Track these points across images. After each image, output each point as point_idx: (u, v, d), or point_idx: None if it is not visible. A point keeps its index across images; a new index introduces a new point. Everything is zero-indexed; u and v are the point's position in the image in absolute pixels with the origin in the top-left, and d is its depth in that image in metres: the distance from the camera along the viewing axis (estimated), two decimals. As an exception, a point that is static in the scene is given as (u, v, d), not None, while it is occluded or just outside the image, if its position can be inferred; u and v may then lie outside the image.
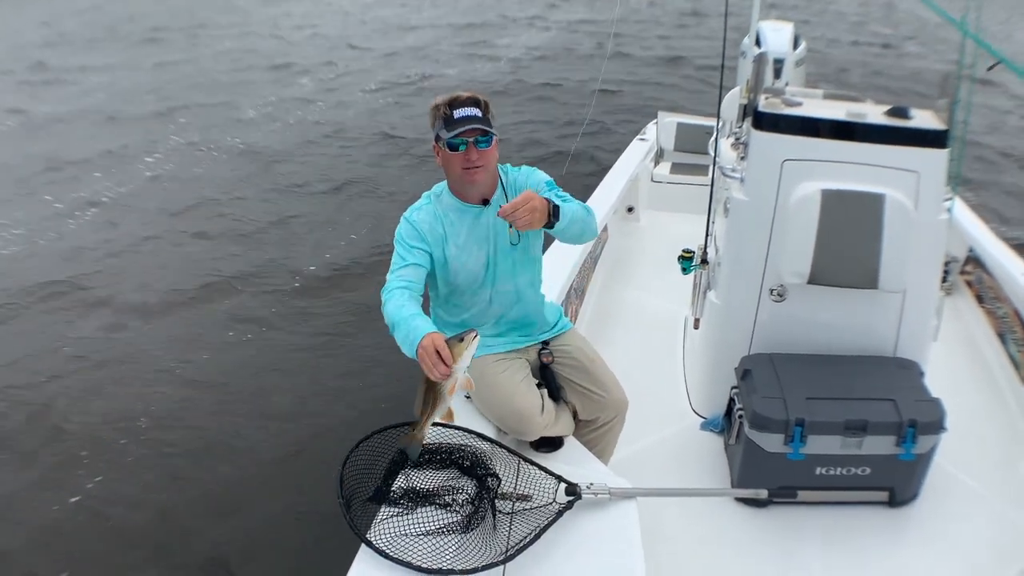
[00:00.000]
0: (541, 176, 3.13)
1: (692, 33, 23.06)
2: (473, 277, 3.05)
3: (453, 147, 2.87)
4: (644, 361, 4.80)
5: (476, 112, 2.86)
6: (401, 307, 2.69)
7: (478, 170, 2.91)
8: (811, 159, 3.62)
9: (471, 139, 2.86)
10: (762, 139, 3.70)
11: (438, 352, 2.48)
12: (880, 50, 21.58)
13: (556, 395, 3.24)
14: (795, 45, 6.80)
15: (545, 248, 3.32)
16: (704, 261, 4.32)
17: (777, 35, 6.72)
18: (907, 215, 3.51)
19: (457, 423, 2.94)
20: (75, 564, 4.57)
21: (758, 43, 6.55)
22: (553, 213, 2.75)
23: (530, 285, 3.20)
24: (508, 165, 3.16)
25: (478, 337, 2.60)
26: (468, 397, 3.26)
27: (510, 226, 2.83)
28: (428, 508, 2.62)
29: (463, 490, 2.70)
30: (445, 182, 3.08)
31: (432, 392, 2.61)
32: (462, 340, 2.56)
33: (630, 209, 7.19)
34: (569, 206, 2.86)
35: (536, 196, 2.71)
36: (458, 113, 2.86)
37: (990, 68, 3.58)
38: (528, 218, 2.67)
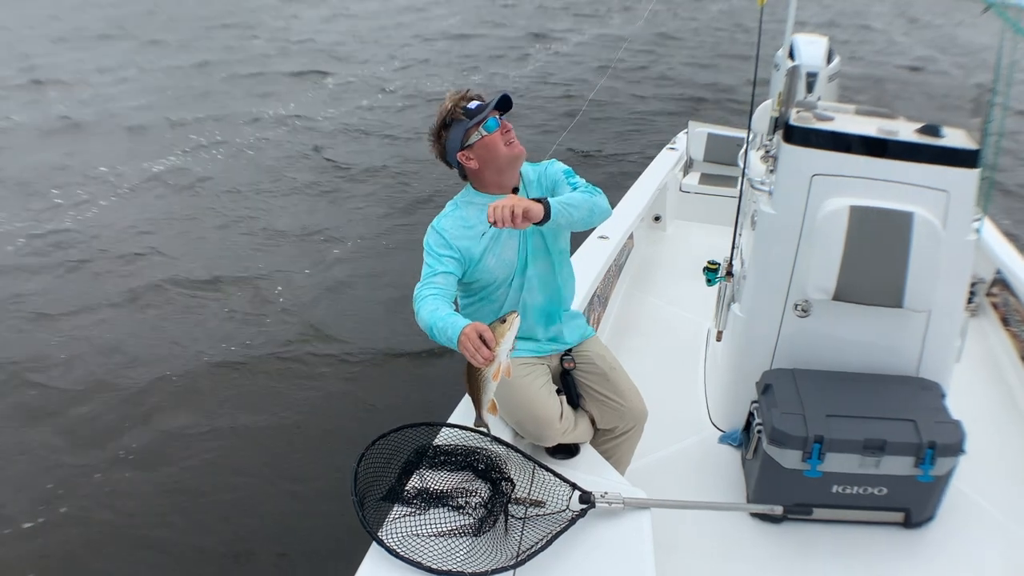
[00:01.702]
0: (558, 167, 3.18)
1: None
2: (508, 266, 3.07)
3: (491, 128, 2.94)
4: (664, 371, 4.79)
5: (482, 103, 2.98)
6: (436, 310, 2.71)
7: (516, 140, 3.00)
8: (841, 174, 3.60)
9: (499, 115, 2.97)
10: (792, 153, 3.68)
11: (481, 336, 2.49)
12: (915, 69, 21.42)
13: (575, 402, 3.24)
14: (829, 59, 6.77)
15: (572, 251, 3.32)
16: (729, 273, 4.29)
17: (811, 48, 6.70)
18: (935, 234, 3.48)
19: (472, 426, 2.95)
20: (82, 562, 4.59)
21: (792, 56, 6.54)
22: (546, 213, 2.78)
23: (560, 268, 3.21)
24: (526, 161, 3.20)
25: (519, 318, 2.59)
26: None
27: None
28: (441, 509, 2.62)
29: (477, 493, 2.70)
30: (467, 187, 3.12)
31: (475, 381, 2.62)
32: (504, 321, 2.55)
33: (657, 218, 7.18)
34: (570, 200, 2.91)
35: (520, 199, 2.72)
36: (472, 105, 2.97)
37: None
38: (513, 211, 2.66)
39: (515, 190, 3.08)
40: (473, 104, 2.95)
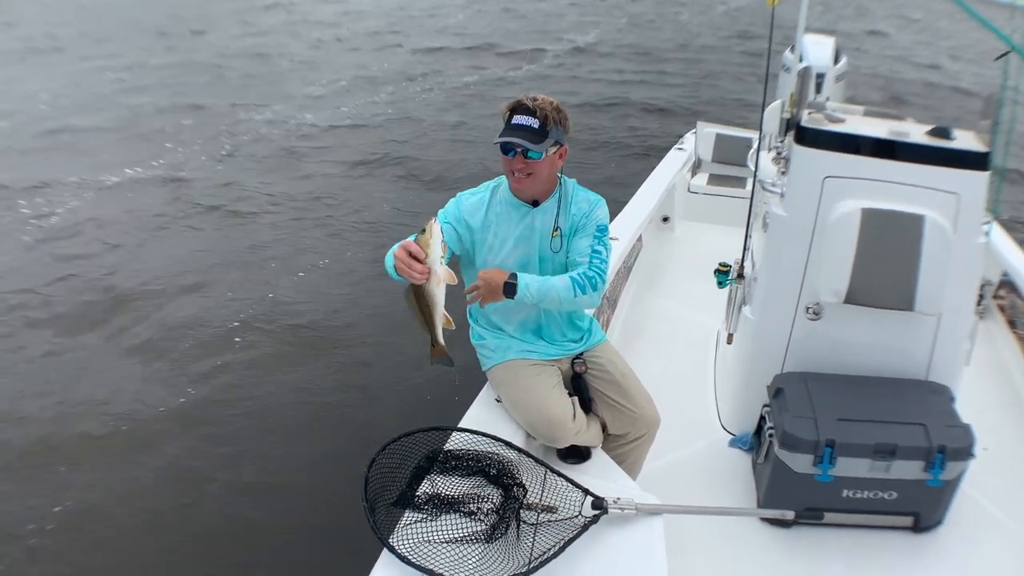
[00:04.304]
0: (598, 216, 3.12)
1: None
2: (517, 265, 3.09)
3: (504, 150, 2.94)
4: (674, 374, 4.77)
5: (532, 123, 2.91)
6: (392, 251, 2.75)
7: (524, 178, 2.98)
8: (852, 177, 3.59)
9: (519, 148, 2.90)
10: (804, 154, 3.67)
11: (409, 253, 2.57)
12: (924, 69, 21.34)
13: (587, 405, 3.24)
14: (836, 59, 6.75)
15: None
16: (740, 276, 4.28)
17: (819, 49, 6.67)
18: (946, 237, 3.47)
19: (484, 429, 2.96)
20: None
21: (799, 57, 6.51)
22: (509, 291, 2.86)
23: None
24: (575, 183, 3.19)
25: (438, 223, 2.65)
26: (499, 400, 3.26)
27: (555, 229, 3.02)
28: (452, 515, 2.62)
29: (488, 499, 2.70)
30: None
31: (423, 302, 2.68)
32: (424, 231, 2.60)
33: (665, 219, 7.16)
34: (548, 291, 2.92)
35: (492, 277, 2.87)
36: (515, 120, 2.94)
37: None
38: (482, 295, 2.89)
39: (535, 203, 3.10)
40: (516, 119, 2.94)
